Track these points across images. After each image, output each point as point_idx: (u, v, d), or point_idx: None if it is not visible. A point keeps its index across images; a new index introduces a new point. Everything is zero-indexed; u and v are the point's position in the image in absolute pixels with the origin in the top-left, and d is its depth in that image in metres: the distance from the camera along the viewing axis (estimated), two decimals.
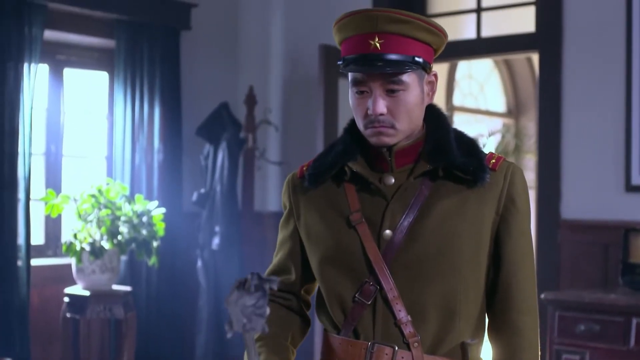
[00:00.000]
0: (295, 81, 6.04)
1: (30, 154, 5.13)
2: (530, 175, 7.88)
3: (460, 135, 2.04)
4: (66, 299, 5.12)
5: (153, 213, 5.17)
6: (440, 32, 1.98)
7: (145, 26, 5.74)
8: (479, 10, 5.56)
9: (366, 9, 1.96)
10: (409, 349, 1.95)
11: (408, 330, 1.95)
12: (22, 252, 5.06)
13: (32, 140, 5.15)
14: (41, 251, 5.55)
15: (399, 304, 1.95)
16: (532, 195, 7.78)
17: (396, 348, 1.95)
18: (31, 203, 5.19)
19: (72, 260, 5.08)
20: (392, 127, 1.96)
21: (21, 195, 5.09)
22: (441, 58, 5.77)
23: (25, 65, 5.09)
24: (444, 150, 1.98)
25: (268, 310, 1.48)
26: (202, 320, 5.77)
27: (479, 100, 8.74)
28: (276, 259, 2.18)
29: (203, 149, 5.94)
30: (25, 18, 5.09)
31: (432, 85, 2.02)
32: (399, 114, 1.95)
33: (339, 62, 2.03)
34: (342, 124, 5.24)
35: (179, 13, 5.94)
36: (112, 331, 5.45)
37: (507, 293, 2.01)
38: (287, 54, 6.08)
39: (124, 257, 5.45)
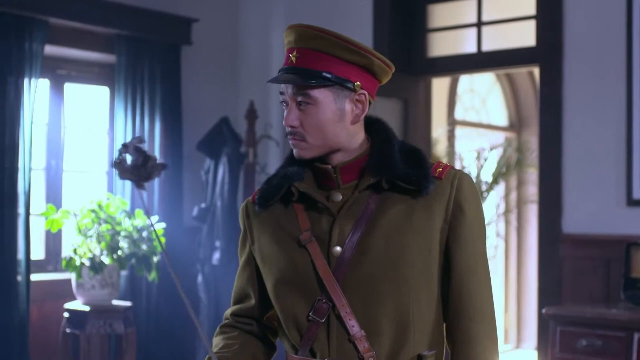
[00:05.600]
0: None
1: (30, 169, 5.12)
2: (532, 190, 7.87)
3: (405, 147, 2.06)
4: (66, 314, 5.11)
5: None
6: (364, 52, 1.97)
7: (145, 41, 5.75)
8: (479, 24, 5.56)
9: (294, 24, 2.00)
10: None
11: (362, 345, 1.95)
12: (21, 267, 5.05)
13: (32, 155, 5.15)
14: (41, 266, 5.54)
15: (352, 319, 1.95)
16: (534, 209, 7.76)
17: None
18: (32, 218, 5.19)
19: (72, 276, 5.07)
20: (304, 140, 1.99)
21: (21, 210, 5.08)
22: (442, 72, 5.81)
23: (26, 80, 5.10)
24: (386, 162, 1.99)
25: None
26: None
27: (481, 114, 8.73)
28: (236, 285, 2.20)
29: (204, 163, 5.93)
30: (26, 33, 5.10)
31: (362, 104, 2.00)
32: (308, 128, 1.98)
33: None
34: None
35: (179, 28, 5.94)
36: (112, 346, 5.42)
37: (458, 302, 2.00)
38: None
39: (124, 272, 5.44)
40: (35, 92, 5.15)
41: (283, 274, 2.04)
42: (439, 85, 7.56)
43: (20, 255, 5.08)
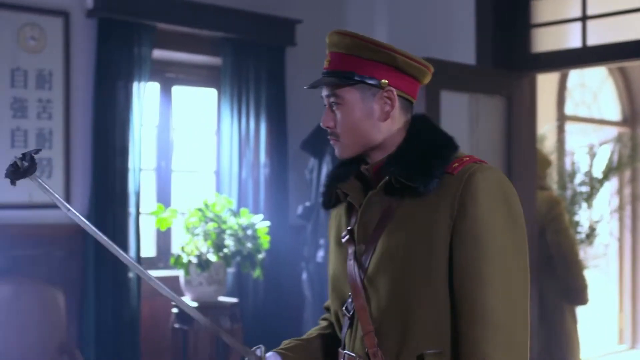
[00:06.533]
0: None
1: (140, 170, 5.30)
2: None
3: (436, 142, 2.04)
4: (175, 310, 5.26)
5: (258, 226, 5.26)
6: (383, 48, 2.01)
7: (250, 43, 5.87)
8: (584, 18, 5.45)
9: (331, 30, 2.08)
10: (368, 357, 2.00)
11: (370, 340, 1.99)
12: None
13: (142, 156, 5.33)
14: (152, 263, 5.72)
15: (365, 315, 2.01)
16: None
17: (357, 358, 2.03)
18: (143, 217, 5.37)
19: (180, 273, 5.22)
20: (339, 139, 2.06)
21: (132, 209, 5.27)
22: (546, 68, 5.72)
23: (135, 83, 5.28)
24: (394, 160, 2.01)
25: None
26: None
27: (592, 109, 8.55)
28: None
29: (308, 162, 6.01)
30: (135, 38, 5.28)
31: (391, 101, 2.03)
32: (341, 127, 2.05)
33: None
34: None
35: (283, 30, 6.04)
36: (219, 342, 5.55)
37: (457, 302, 1.93)
38: None
39: (230, 270, 5.56)
40: (144, 95, 5.33)
41: (332, 271, 2.17)
42: (547, 81, 7.45)
43: (132, 252, 5.27)
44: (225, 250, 5.18)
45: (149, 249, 5.73)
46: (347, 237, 2.09)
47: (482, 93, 5.52)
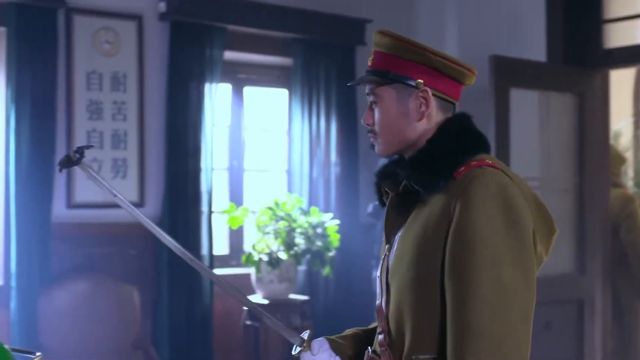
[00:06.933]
0: (470, 93, 6.02)
1: (212, 169, 5.40)
2: None
3: (443, 145, 2.02)
4: (246, 307, 5.35)
5: (327, 224, 5.32)
6: (418, 49, 2.02)
7: (321, 44, 5.92)
8: None
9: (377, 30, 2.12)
10: (379, 356, 2.05)
11: (381, 339, 2.03)
12: (205, 263, 5.33)
13: (214, 156, 5.43)
14: (225, 261, 5.81)
15: (382, 314, 2.05)
16: None
17: (371, 354, 2.09)
18: (216, 216, 5.47)
19: (251, 270, 5.30)
20: (377, 137, 2.08)
21: (204, 208, 5.37)
22: (619, 64, 5.64)
23: (207, 84, 5.38)
24: (408, 163, 2.03)
25: None
26: None
27: None
28: None
29: (378, 161, 6.02)
30: (207, 40, 5.38)
31: (427, 101, 2.04)
32: (378, 125, 2.07)
33: None
34: (514, 135, 5.20)
35: (353, 29, 6.08)
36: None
37: (447, 308, 1.88)
38: None
39: (301, 268, 5.63)
40: (216, 96, 5.43)
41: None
42: (623, 76, 7.33)
43: (204, 250, 5.37)
44: (296, 248, 5.24)
45: (221, 247, 5.84)
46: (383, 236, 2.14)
47: (553, 90, 5.48)
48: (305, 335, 2.21)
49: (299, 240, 5.26)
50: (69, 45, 5.04)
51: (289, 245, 5.24)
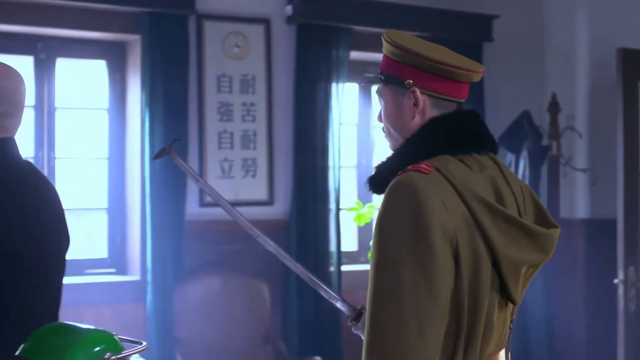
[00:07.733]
0: (599, 86, 5.93)
1: (339, 167, 5.50)
2: None
3: (406, 146, 2.10)
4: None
5: None
6: (404, 50, 2.07)
7: (447, 40, 5.85)
8: None
9: None
10: None
11: None
12: (333, 259, 5.44)
13: (341, 154, 5.53)
14: (354, 258, 5.90)
15: None
16: None
17: None
18: (344, 213, 5.58)
19: None
20: (384, 133, 2.19)
21: (332, 205, 5.48)
22: None
23: (334, 84, 5.49)
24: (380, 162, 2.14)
25: None
26: None
27: None
28: None
29: (505, 158, 6.00)
30: (333, 41, 5.49)
31: (417, 100, 2.10)
32: (383, 122, 2.20)
33: None
34: None
35: (480, 26, 6.06)
36: None
37: None
38: (591, 59, 5.98)
39: None
40: (343, 95, 5.53)
41: None
42: None
43: (332, 247, 5.47)
44: None
45: (350, 244, 5.93)
46: None
47: None
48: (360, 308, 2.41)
49: None
50: (200, 49, 5.24)
51: None
